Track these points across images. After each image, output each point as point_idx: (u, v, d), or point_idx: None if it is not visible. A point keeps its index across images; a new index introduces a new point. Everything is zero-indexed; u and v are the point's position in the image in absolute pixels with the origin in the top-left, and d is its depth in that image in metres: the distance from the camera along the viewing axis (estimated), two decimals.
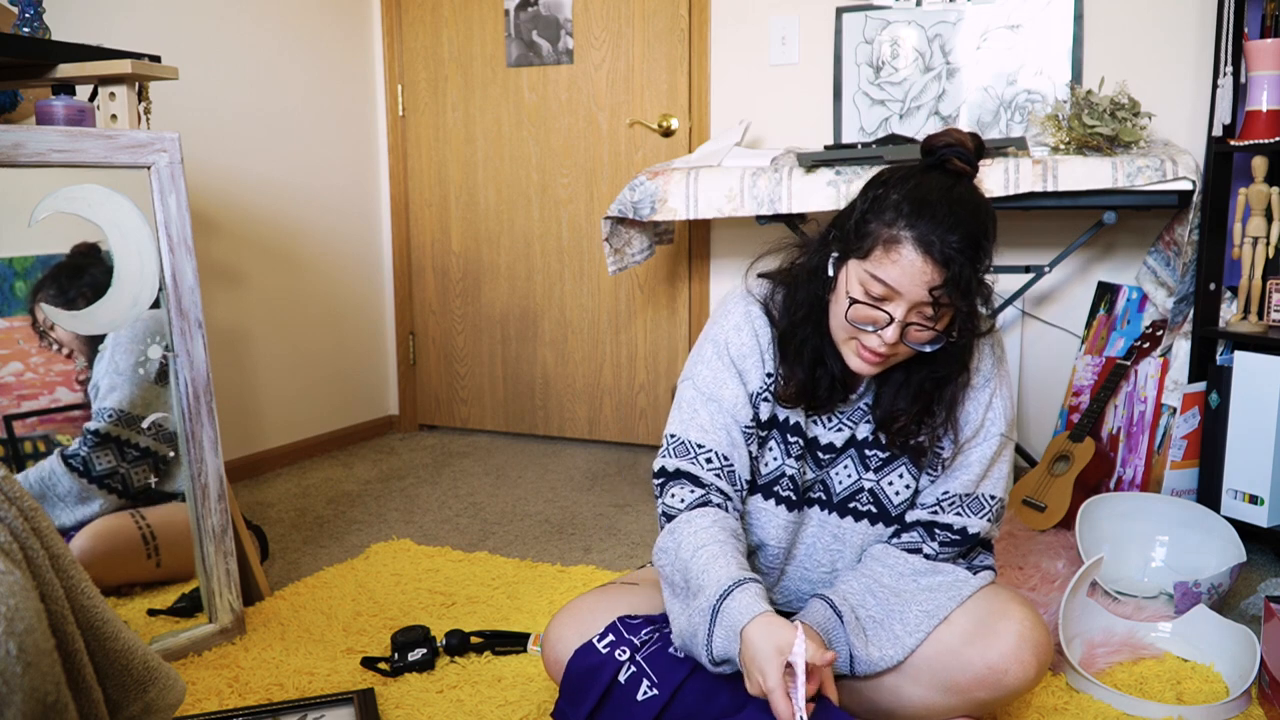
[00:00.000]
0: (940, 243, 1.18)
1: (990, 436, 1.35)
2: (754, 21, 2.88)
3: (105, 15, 2.39)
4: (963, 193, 1.23)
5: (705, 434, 1.33)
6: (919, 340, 1.24)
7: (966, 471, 1.35)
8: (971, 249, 1.19)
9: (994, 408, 1.35)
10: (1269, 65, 2.07)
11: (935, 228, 1.18)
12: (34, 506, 1.01)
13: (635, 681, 1.29)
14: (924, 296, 1.19)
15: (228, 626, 1.75)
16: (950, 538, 1.34)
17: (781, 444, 1.36)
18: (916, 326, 1.22)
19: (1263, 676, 1.49)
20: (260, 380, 2.95)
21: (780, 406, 1.36)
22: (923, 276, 1.19)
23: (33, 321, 1.63)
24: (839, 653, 1.27)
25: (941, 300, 1.20)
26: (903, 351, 1.26)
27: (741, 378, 1.34)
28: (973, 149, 1.26)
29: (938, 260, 1.18)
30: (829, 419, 1.38)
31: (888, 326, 1.21)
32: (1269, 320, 2.11)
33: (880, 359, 1.25)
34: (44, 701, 0.87)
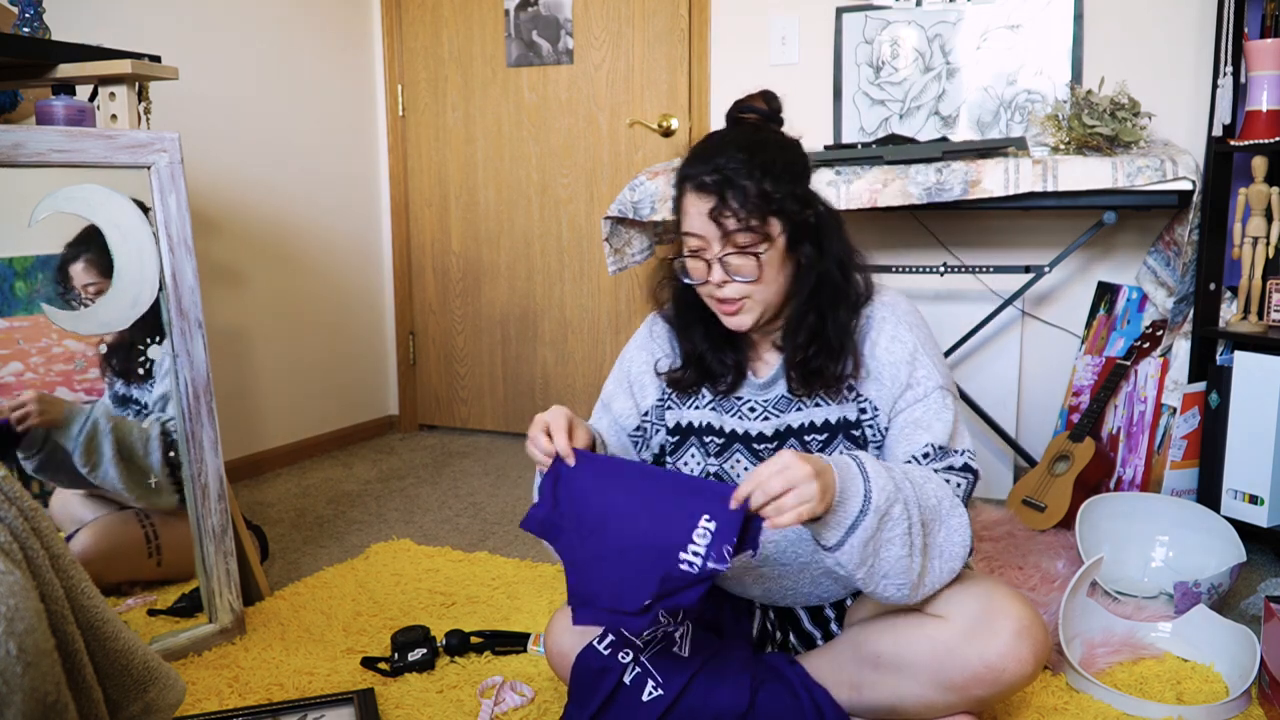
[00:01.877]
0: (703, 172, 1.28)
1: (931, 391, 1.33)
2: (754, 22, 2.88)
3: (105, 15, 2.39)
4: (736, 130, 1.35)
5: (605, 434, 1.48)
6: (743, 270, 1.29)
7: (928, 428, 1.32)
8: (738, 165, 1.27)
9: (919, 364, 1.34)
10: (1269, 65, 2.07)
11: (698, 164, 1.30)
12: (34, 506, 1.02)
13: (640, 682, 1.29)
14: (713, 228, 1.28)
15: (228, 626, 1.75)
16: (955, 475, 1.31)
17: (700, 447, 1.43)
18: (733, 257, 1.29)
19: (1263, 676, 1.49)
20: (260, 380, 2.95)
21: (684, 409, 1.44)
22: (702, 209, 1.28)
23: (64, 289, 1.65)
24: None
25: (726, 224, 1.27)
26: (745, 292, 1.31)
27: (633, 395, 1.48)
28: (763, 104, 1.40)
29: (708, 188, 1.27)
30: (752, 410, 1.41)
31: (711, 270, 1.30)
32: (1269, 320, 2.11)
33: (734, 305, 1.32)
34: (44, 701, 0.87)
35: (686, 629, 1.35)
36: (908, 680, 1.28)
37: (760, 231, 1.28)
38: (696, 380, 1.43)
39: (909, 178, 2.25)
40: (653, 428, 1.48)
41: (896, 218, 2.72)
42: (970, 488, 1.32)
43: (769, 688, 1.32)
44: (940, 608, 1.28)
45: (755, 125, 1.37)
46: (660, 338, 1.48)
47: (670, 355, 1.47)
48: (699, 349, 1.42)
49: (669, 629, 1.34)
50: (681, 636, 1.34)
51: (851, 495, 1.16)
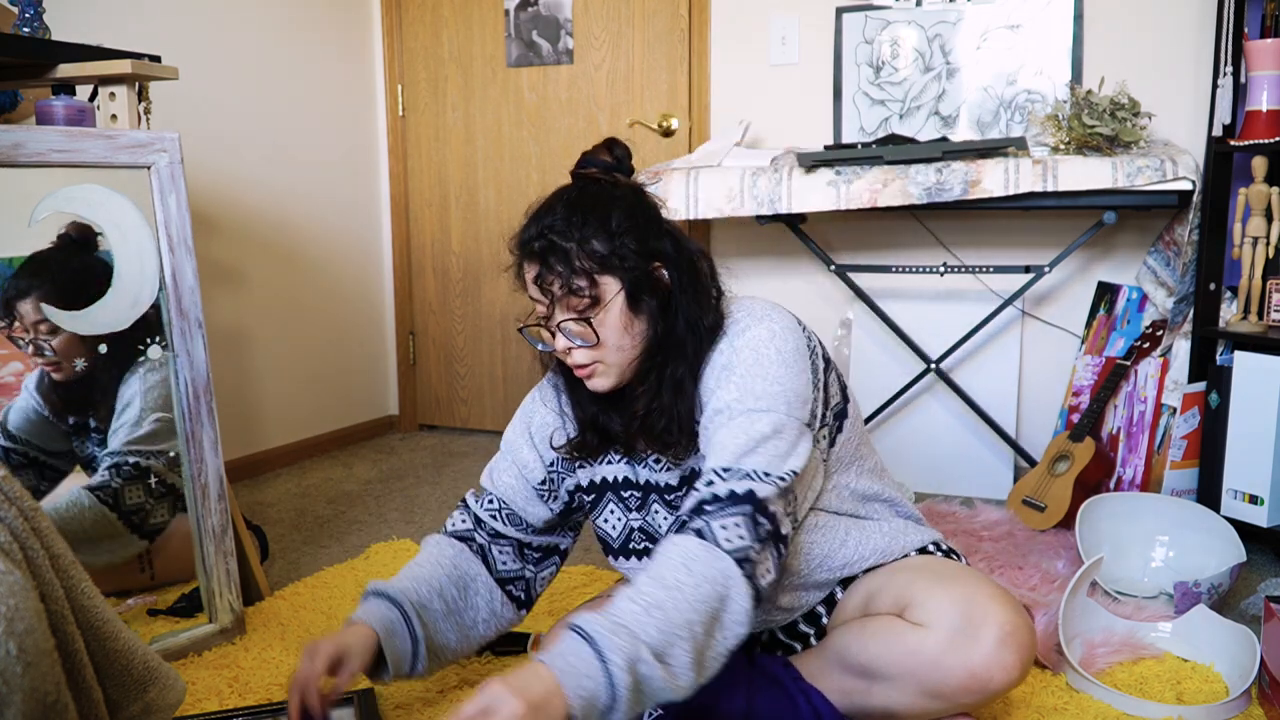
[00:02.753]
0: (531, 236, 1.25)
1: (735, 414, 1.20)
2: (754, 21, 2.88)
3: (105, 15, 2.39)
4: (569, 190, 1.29)
5: (492, 483, 1.47)
6: (578, 334, 1.25)
7: (718, 447, 1.19)
8: (563, 226, 1.23)
9: (727, 387, 1.23)
10: (1269, 65, 2.07)
11: (527, 227, 1.27)
12: (34, 506, 1.02)
13: None
14: (540, 293, 1.25)
15: (228, 626, 1.75)
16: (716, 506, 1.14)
17: (619, 503, 1.41)
18: (567, 322, 1.25)
19: (1263, 676, 1.49)
20: (260, 380, 2.95)
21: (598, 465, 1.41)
22: (529, 276, 1.26)
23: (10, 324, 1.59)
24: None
25: (553, 289, 1.23)
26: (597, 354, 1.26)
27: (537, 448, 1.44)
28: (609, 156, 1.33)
29: (534, 253, 1.24)
30: (656, 462, 1.36)
31: (555, 338, 1.26)
32: (1269, 320, 2.11)
33: (585, 369, 1.28)
34: (44, 701, 0.87)
35: None
36: (894, 689, 1.26)
37: (588, 294, 1.22)
38: (599, 444, 1.38)
39: (909, 178, 2.25)
40: (558, 479, 1.45)
41: (896, 218, 2.72)
42: (752, 524, 1.12)
43: (766, 691, 1.31)
44: (921, 614, 1.25)
45: (592, 179, 1.30)
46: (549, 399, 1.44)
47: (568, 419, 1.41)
48: (587, 412, 1.37)
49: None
50: None
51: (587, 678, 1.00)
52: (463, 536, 1.46)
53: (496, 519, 1.46)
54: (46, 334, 1.61)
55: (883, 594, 1.32)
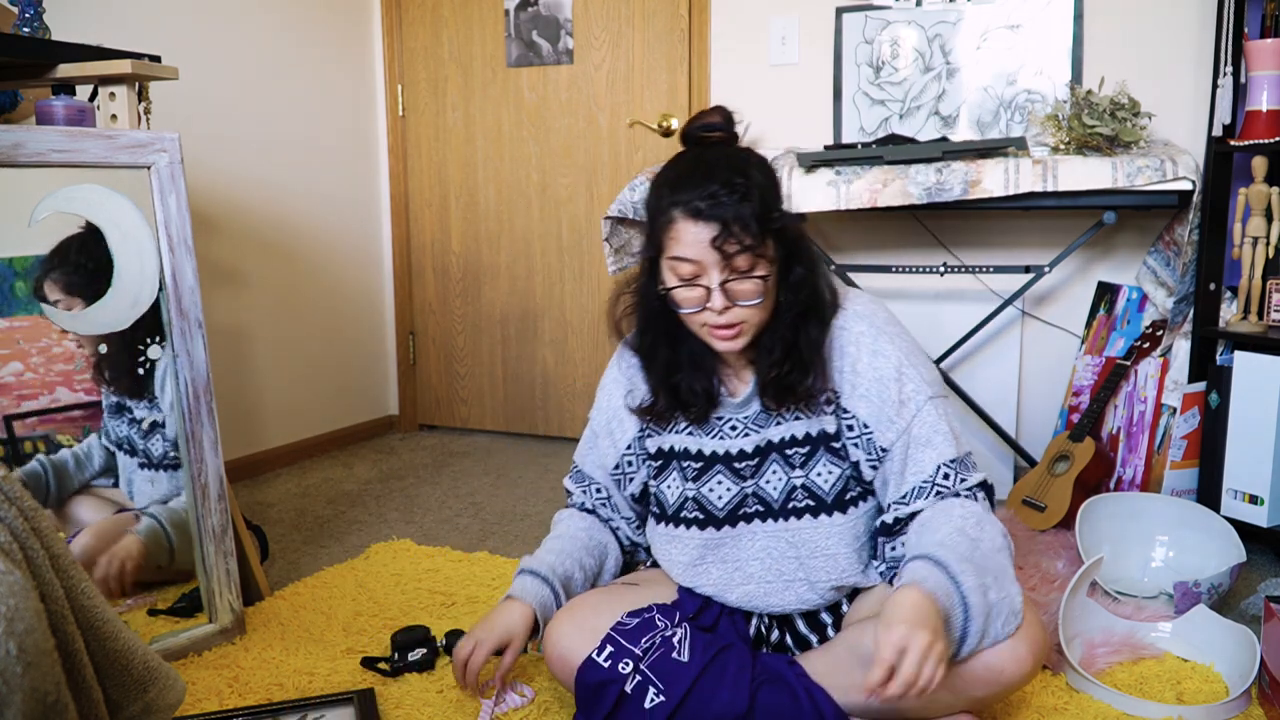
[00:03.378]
0: (702, 201, 1.27)
1: (923, 406, 1.34)
2: (754, 21, 2.88)
3: (105, 15, 2.39)
4: (712, 153, 1.33)
5: (593, 470, 1.56)
6: (747, 294, 1.29)
7: (932, 445, 1.34)
8: (731, 192, 1.26)
9: (907, 377, 1.35)
10: (1269, 65, 2.07)
11: (692, 191, 1.28)
12: (34, 506, 1.01)
13: (641, 690, 1.30)
14: (715, 256, 1.27)
15: (228, 626, 1.75)
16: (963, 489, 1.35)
17: (679, 471, 1.45)
18: (734, 282, 1.29)
19: (1263, 676, 1.49)
20: (260, 380, 2.95)
21: (665, 434, 1.46)
22: (703, 238, 1.27)
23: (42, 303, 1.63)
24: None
25: (729, 249, 1.26)
26: (746, 315, 1.31)
27: (613, 434, 1.51)
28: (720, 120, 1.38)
29: (707, 216, 1.26)
30: (734, 429, 1.41)
31: (711, 297, 1.29)
32: (1269, 320, 2.11)
33: (731, 331, 1.32)
34: (44, 701, 0.87)
35: (685, 633, 1.35)
36: None
37: (762, 255, 1.29)
38: (669, 410, 1.44)
39: (909, 178, 2.25)
40: (637, 461, 1.51)
41: (896, 218, 2.72)
42: (990, 501, 1.35)
43: (768, 689, 1.31)
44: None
45: (727, 143, 1.37)
46: (631, 369, 1.50)
47: (642, 387, 1.47)
48: (670, 379, 1.42)
49: (666, 634, 1.34)
50: (680, 641, 1.34)
51: (955, 617, 1.20)
52: (588, 509, 1.58)
53: (605, 506, 1.57)
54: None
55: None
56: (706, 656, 1.32)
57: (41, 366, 1.63)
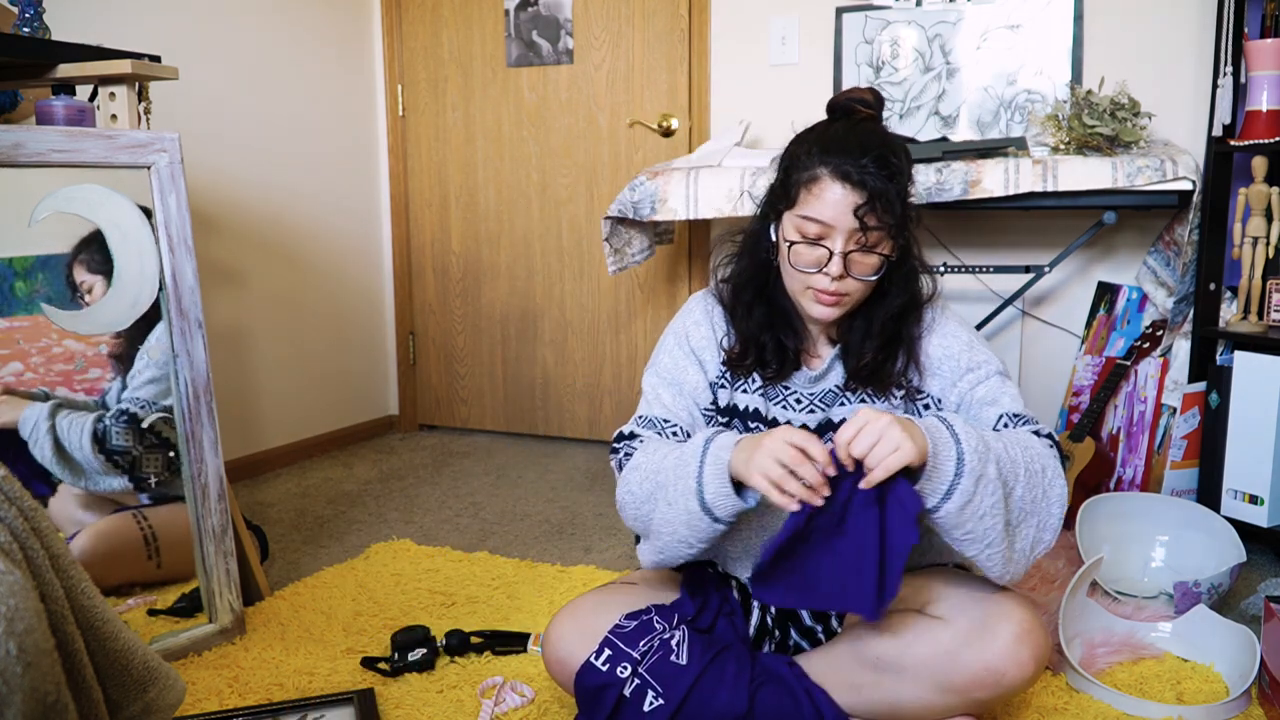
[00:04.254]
0: (854, 168, 1.27)
1: (992, 374, 1.38)
2: (754, 21, 2.88)
3: (105, 15, 2.39)
4: (866, 126, 1.35)
5: (669, 410, 1.42)
6: (864, 269, 1.31)
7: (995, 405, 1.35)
8: (884, 168, 1.27)
9: (977, 350, 1.39)
10: (1269, 65, 2.07)
11: (846, 157, 1.28)
12: (34, 506, 1.01)
13: (640, 693, 1.29)
14: (852, 222, 1.28)
15: (228, 626, 1.75)
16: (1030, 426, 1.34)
17: (743, 431, 1.42)
18: (857, 254, 1.30)
19: (1263, 676, 1.49)
20: (260, 380, 2.95)
21: (735, 391, 1.43)
22: (846, 202, 1.28)
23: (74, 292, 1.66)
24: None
25: (868, 221, 1.28)
26: (853, 288, 1.33)
27: (702, 366, 1.44)
28: (872, 99, 1.39)
29: (855, 183, 1.27)
30: (798, 402, 1.42)
31: (830, 262, 1.30)
32: (1269, 320, 2.11)
33: (835, 299, 1.33)
34: (44, 701, 0.87)
35: (683, 635, 1.35)
36: (907, 682, 1.28)
37: (894, 235, 1.31)
38: (752, 364, 1.43)
39: None
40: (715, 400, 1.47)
41: None
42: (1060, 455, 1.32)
43: (767, 689, 1.31)
44: (941, 610, 1.29)
45: (877, 122, 1.38)
46: (717, 316, 1.47)
47: (728, 334, 1.46)
48: (761, 335, 1.42)
49: (665, 636, 1.33)
50: (678, 643, 1.34)
51: (944, 458, 1.18)
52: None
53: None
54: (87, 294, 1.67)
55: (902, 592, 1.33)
56: (705, 658, 1.32)
57: (41, 366, 1.63)
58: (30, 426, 1.65)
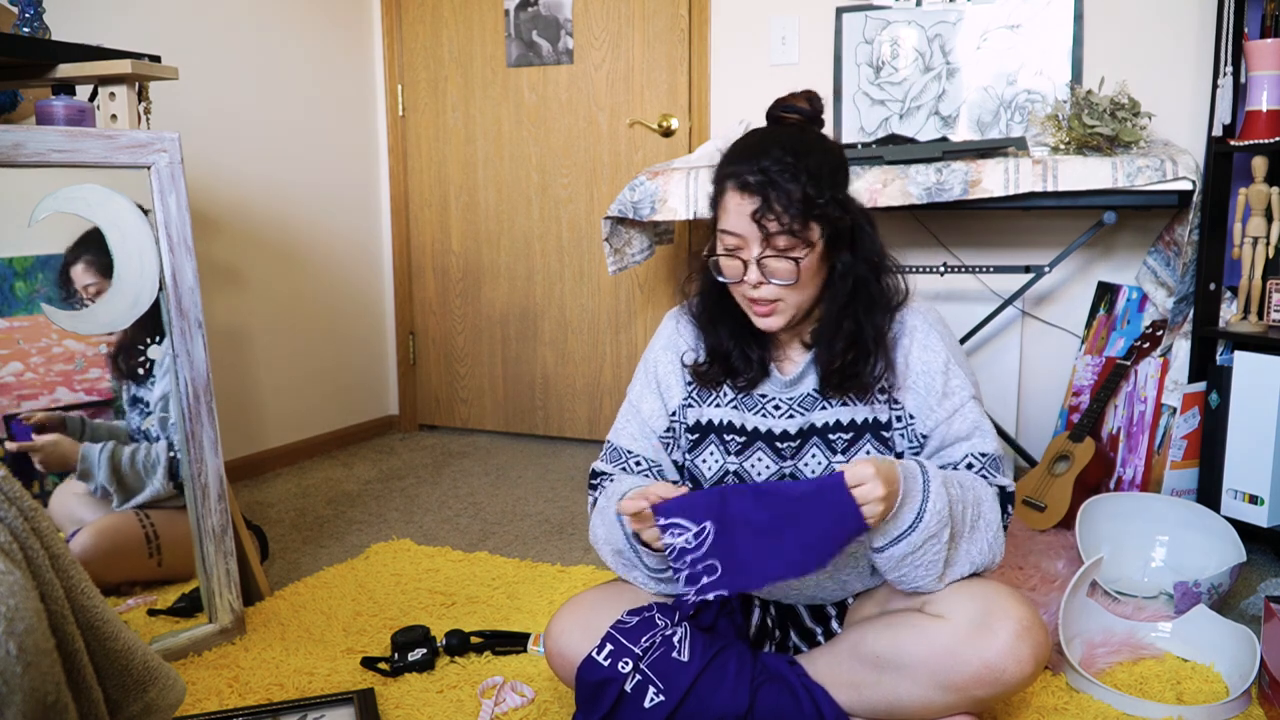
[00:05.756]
0: (750, 173, 1.27)
1: (966, 402, 1.37)
2: (754, 21, 2.88)
3: (105, 15, 2.39)
4: (780, 130, 1.34)
5: (634, 442, 1.48)
6: (781, 273, 1.30)
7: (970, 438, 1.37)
8: (785, 169, 1.26)
9: (953, 373, 1.38)
10: (1269, 65, 2.07)
11: (743, 163, 1.28)
12: (34, 506, 1.02)
13: (641, 689, 1.30)
14: (754, 229, 1.28)
15: (228, 626, 1.75)
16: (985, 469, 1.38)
17: (720, 445, 1.43)
18: (772, 259, 1.29)
19: (1263, 676, 1.49)
20: (260, 380, 2.95)
21: (706, 406, 1.44)
22: (744, 209, 1.28)
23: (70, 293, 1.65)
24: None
25: (768, 225, 1.27)
26: (786, 294, 1.32)
27: (662, 396, 1.47)
28: (806, 105, 1.38)
29: (752, 189, 1.27)
30: (777, 408, 1.41)
31: (747, 271, 1.30)
32: (1269, 320, 2.11)
33: (767, 307, 1.33)
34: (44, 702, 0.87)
35: (685, 632, 1.35)
36: (907, 681, 1.28)
37: (801, 236, 1.28)
38: (720, 375, 1.44)
39: (909, 178, 2.25)
40: (680, 427, 1.48)
41: (896, 218, 2.72)
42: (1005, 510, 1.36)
43: (768, 688, 1.32)
44: (940, 608, 1.28)
45: (799, 126, 1.36)
46: (686, 334, 1.49)
47: (696, 350, 1.47)
48: (725, 345, 1.42)
49: (667, 633, 1.34)
50: (680, 640, 1.34)
51: (906, 511, 1.23)
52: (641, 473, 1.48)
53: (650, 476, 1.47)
54: (94, 296, 1.66)
55: (901, 591, 1.33)
56: (707, 656, 1.32)
57: (41, 366, 1.63)
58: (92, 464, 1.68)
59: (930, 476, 1.26)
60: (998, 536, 1.32)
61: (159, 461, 1.74)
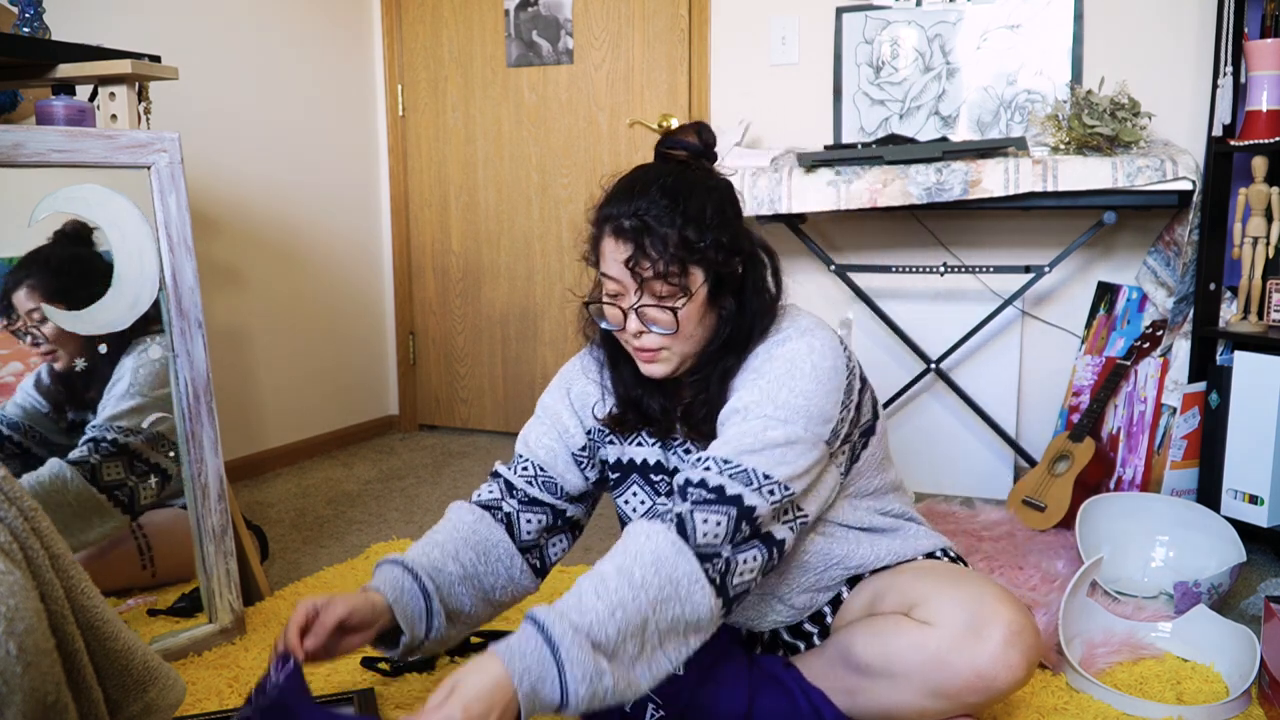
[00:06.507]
0: (622, 214, 1.21)
1: (751, 417, 1.21)
2: (754, 21, 2.88)
3: (105, 15, 2.39)
4: (661, 169, 1.26)
5: (528, 448, 1.43)
6: (660, 322, 1.23)
7: (724, 441, 1.21)
8: (660, 211, 1.19)
9: (757, 394, 1.22)
10: (1269, 65, 2.07)
11: (615, 207, 1.22)
12: (34, 506, 1.02)
13: (640, 708, 1.29)
14: (629, 277, 1.21)
15: (228, 626, 1.75)
16: (703, 495, 1.15)
17: (644, 485, 1.40)
18: (650, 308, 1.23)
19: (1263, 676, 1.49)
20: (260, 380, 2.95)
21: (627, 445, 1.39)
22: (619, 255, 1.22)
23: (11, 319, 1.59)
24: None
25: (642, 272, 1.20)
26: (669, 342, 1.25)
27: (578, 414, 1.42)
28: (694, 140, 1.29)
29: (626, 233, 1.21)
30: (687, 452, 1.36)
31: (627, 320, 1.24)
32: (1269, 320, 2.11)
33: (650, 354, 1.26)
34: (44, 702, 0.87)
35: None
36: (899, 688, 1.26)
37: (678, 284, 1.21)
38: (636, 423, 1.38)
39: (909, 178, 2.25)
40: (596, 447, 1.44)
41: (896, 218, 2.72)
42: (733, 527, 1.13)
43: (766, 693, 1.31)
44: (928, 613, 1.25)
45: (683, 163, 1.28)
46: (594, 371, 1.44)
47: (608, 393, 1.41)
48: (631, 392, 1.37)
49: None
50: None
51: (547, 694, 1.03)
52: (487, 505, 1.41)
53: (532, 485, 1.42)
54: (38, 322, 1.60)
55: (889, 594, 1.32)
56: (703, 666, 1.30)
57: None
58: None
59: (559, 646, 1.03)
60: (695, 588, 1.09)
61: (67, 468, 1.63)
